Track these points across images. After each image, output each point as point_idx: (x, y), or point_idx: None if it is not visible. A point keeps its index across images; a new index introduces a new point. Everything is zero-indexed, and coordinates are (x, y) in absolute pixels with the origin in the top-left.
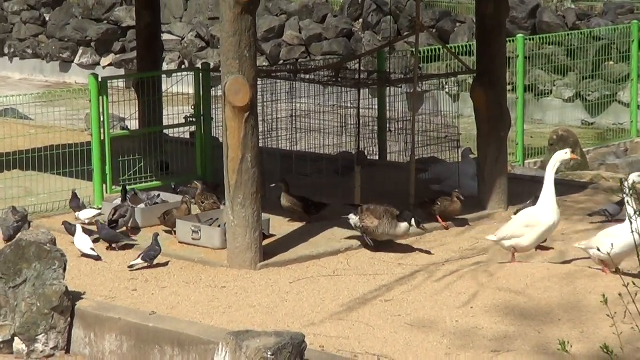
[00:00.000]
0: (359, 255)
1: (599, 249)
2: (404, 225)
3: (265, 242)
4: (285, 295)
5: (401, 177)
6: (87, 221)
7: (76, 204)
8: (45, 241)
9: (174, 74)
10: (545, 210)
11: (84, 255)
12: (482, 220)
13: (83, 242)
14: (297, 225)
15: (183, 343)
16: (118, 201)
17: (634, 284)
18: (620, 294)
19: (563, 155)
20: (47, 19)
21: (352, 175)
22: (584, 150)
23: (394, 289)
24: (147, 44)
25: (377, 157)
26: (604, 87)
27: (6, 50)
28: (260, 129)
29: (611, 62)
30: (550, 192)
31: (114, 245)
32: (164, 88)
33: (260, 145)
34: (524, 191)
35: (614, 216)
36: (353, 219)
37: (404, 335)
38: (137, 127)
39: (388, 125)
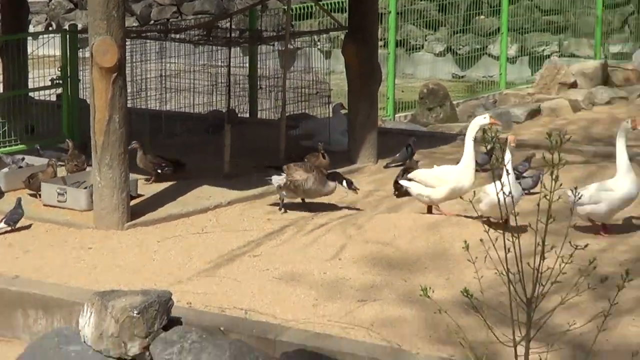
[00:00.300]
0: (228, 213)
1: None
2: (332, 184)
3: (133, 202)
4: (153, 254)
5: (272, 134)
6: None
7: None
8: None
9: (40, 36)
10: (461, 171)
11: None
12: (352, 174)
13: None
14: (166, 184)
15: (47, 305)
16: None
17: (494, 229)
18: (481, 240)
19: (482, 120)
20: None
21: (222, 133)
22: (454, 102)
23: (263, 244)
24: (11, 5)
25: (247, 115)
26: (474, 41)
27: None
28: (129, 90)
29: (482, 16)
30: (470, 158)
31: None
32: (29, 50)
33: (129, 105)
34: (394, 144)
35: (482, 166)
36: (276, 178)
37: (272, 288)
38: (1, 91)
39: (259, 83)
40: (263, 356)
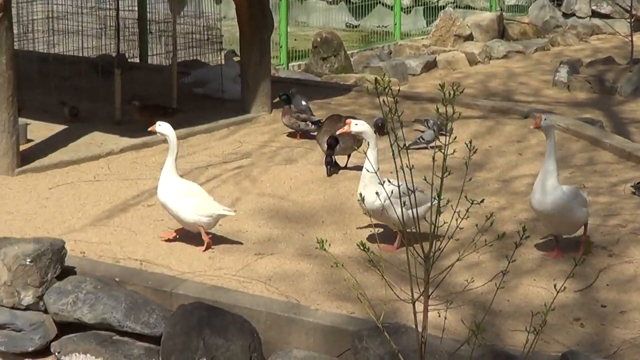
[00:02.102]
0: (120, 160)
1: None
2: None
3: (23, 147)
4: (44, 202)
5: (163, 80)
6: None
7: None
8: None
9: None
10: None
11: None
12: (245, 123)
13: None
14: (56, 129)
15: None
16: None
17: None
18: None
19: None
20: None
21: (112, 78)
22: (348, 52)
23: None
24: None
25: (138, 60)
26: None
27: None
28: (15, 31)
29: None
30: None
31: None
32: None
33: (16, 48)
34: (286, 91)
35: (430, 142)
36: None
37: (166, 241)
38: None
39: (149, 27)
40: (160, 308)
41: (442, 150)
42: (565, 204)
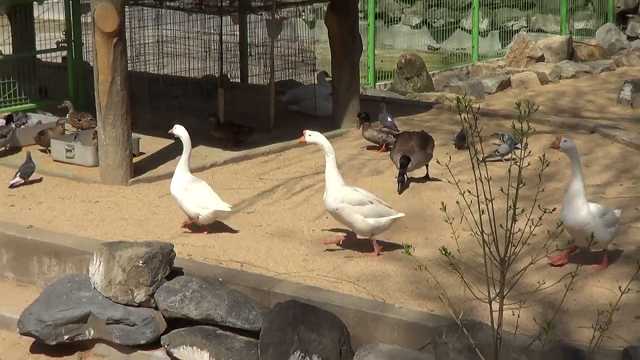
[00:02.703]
0: (223, 171)
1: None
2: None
3: (135, 160)
4: (155, 209)
5: (262, 99)
6: None
7: None
8: None
9: (45, 1)
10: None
11: None
12: (336, 138)
13: None
14: (165, 143)
15: (60, 254)
16: (2, 121)
17: (469, 192)
18: (457, 202)
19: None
20: None
21: (216, 97)
22: (430, 73)
23: (256, 202)
24: None
25: (239, 80)
26: (449, 15)
27: None
28: (129, 54)
29: None
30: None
31: None
32: (35, 15)
33: (129, 69)
34: (373, 110)
35: (505, 155)
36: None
37: (265, 243)
38: (11, 52)
39: (249, 50)
40: (258, 306)
41: (517, 163)
42: (590, 221)
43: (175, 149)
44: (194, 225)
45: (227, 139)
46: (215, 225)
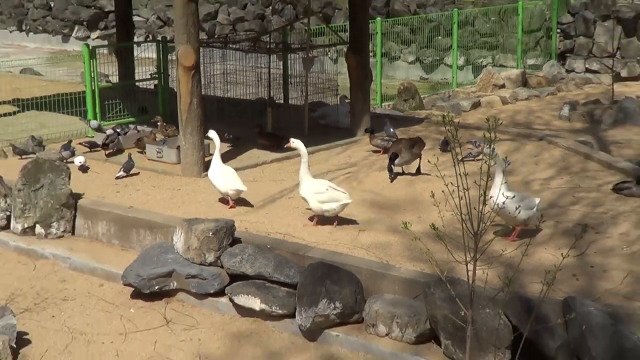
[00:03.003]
0: (270, 168)
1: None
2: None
3: (207, 159)
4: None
5: (299, 115)
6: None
7: (68, 150)
8: (55, 159)
9: (142, 44)
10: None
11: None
12: (352, 144)
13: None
14: (227, 147)
15: (152, 227)
16: (110, 131)
17: (452, 183)
18: (443, 191)
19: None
20: (52, 5)
21: (265, 114)
22: (421, 96)
23: (294, 190)
24: (122, 23)
25: (282, 101)
26: (435, 54)
27: (24, 27)
28: (202, 82)
29: (439, 37)
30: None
31: None
32: (135, 54)
33: (203, 93)
34: (380, 123)
35: (476, 156)
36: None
37: (301, 221)
38: (117, 81)
39: (289, 80)
40: (296, 266)
41: (486, 162)
42: (506, 206)
43: (234, 151)
44: (224, 200)
45: (268, 144)
46: (264, 206)
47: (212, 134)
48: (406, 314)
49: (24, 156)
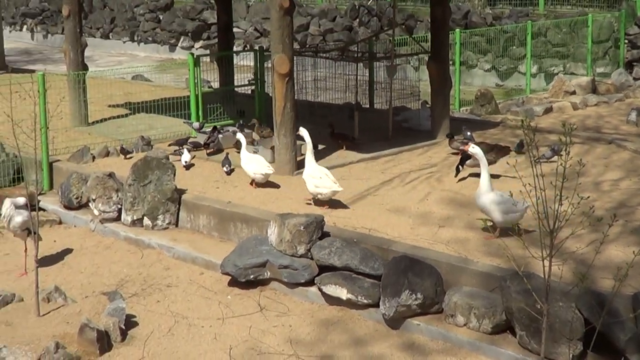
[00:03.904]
0: (357, 167)
1: None
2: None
3: (298, 158)
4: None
5: (383, 119)
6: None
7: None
8: (162, 157)
9: (241, 53)
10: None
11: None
12: (433, 146)
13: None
14: (319, 147)
15: (248, 221)
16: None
17: (530, 184)
18: (520, 191)
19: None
20: (161, 18)
21: (353, 117)
22: (497, 102)
23: (379, 188)
24: (224, 34)
25: (368, 106)
26: (510, 62)
27: (135, 38)
28: (295, 88)
29: (514, 47)
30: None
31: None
32: (235, 62)
33: (295, 98)
34: (459, 127)
35: (549, 158)
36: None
37: (385, 216)
38: (218, 86)
39: (375, 86)
40: (380, 258)
41: (562, 164)
42: (487, 206)
43: (325, 151)
44: (315, 200)
45: (339, 142)
46: (351, 203)
47: (302, 131)
48: (483, 306)
49: (128, 155)
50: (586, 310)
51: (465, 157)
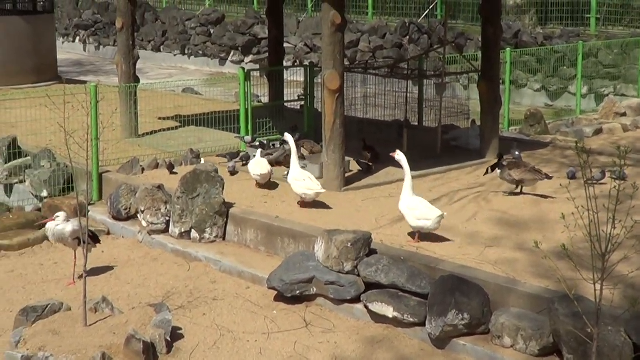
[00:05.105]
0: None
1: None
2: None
3: (347, 175)
4: (358, 209)
5: (432, 137)
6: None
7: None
8: (211, 170)
9: (291, 68)
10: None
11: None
12: (481, 165)
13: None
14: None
15: (295, 236)
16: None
17: (582, 206)
18: (572, 213)
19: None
20: (212, 32)
21: (402, 134)
22: (547, 122)
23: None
24: (274, 49)
25: (417, 123)
26: (560, 83)
27: (186, 51)
28: (345, 104)
29: (564, 67)
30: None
31: None
32: (285, 77)
33: (345, 114)
34: (507, 146)
35: (599, 180)
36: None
37: (433, 235)
38: (268, 101)
39: (424, 103)
40: (428, 277)
41: (616, 186)
42: (403, 210)
43: (375, 169)
44: (301, 202)
45: (369, 155)
46: (398, 221)
47: (400, 155)
48: (530, 328)
49: (173, 171)
50: (635, 335)
51: (500, 165)
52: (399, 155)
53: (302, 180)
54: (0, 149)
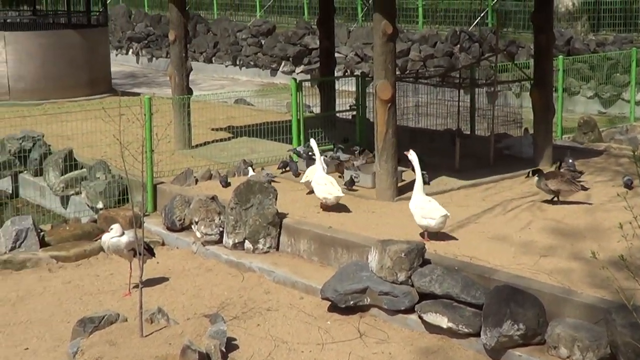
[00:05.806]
0: (458, 194)
1: None
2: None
3: (399, 185)
4: (411, 218)
5: (484, 145)
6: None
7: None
8: (264, 181)
9: (342, 78)
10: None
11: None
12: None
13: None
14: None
15: (349, 246)
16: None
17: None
18: (630, 222)
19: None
20: (263, 43)
21: (454, 143)
22: (600, 129)
23: (481, 216)
24: (325, 59)
25: (469, 132)
26: (613, 90)
27: (237, 62)
28: (397, 114)
29: (617, 74)
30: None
31: None
32: (336, 87)
33: (397, 123)
34: (560, 154)
35: (631, 186)
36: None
37: (487, 245)
38: (319, 111)
39: (476, 112)
40: (482, 287)
41: None
42: (413, 210)
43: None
44: (323, 205)
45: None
46: (452, 230)
47: (412, 155)
48: (587, 338)
49: (224, 184)
50: None
51: (540, 172)
52: (412, 155)
53: (323, 184)
54: (56, 161)
